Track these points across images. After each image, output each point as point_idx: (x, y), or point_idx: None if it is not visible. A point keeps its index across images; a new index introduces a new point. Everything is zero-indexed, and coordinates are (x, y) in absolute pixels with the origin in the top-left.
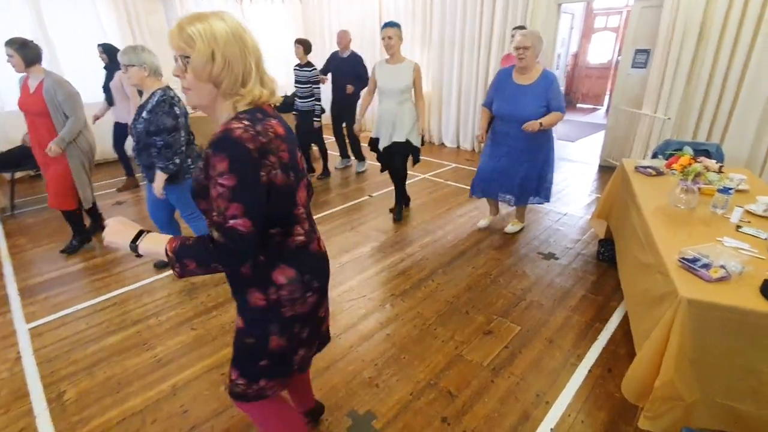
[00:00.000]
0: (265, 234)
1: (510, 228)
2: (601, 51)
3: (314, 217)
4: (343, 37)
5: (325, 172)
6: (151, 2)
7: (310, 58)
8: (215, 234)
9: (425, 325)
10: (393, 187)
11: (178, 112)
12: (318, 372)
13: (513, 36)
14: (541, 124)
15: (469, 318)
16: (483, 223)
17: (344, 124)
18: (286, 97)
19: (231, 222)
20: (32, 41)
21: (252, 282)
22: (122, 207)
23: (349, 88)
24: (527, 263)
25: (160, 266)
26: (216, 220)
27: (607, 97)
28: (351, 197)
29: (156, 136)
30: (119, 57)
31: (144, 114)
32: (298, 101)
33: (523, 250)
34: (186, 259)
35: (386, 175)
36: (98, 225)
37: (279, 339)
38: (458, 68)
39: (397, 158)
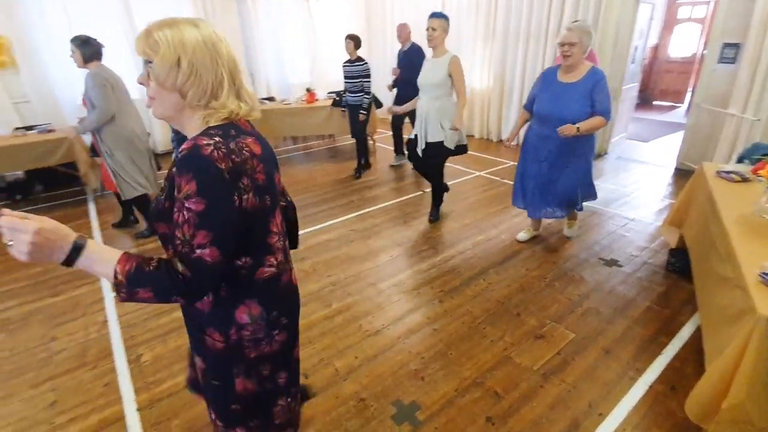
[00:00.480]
0: (231, 265)
1: (568, 231)
2: (684, 44)
3: (366, 210)
4: (402, 30)
5: (361, 169)
6: (227, 0)
7: (361, 53)
8: (180, 266)
9: (474, 323)
10: (448, 183)
11: None
12: (366, 359)
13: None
14: (578, 129)
15: (520, 320)
16: (523, 236)
17: (406, 120)
18: (338, 93)
19: (198, 252)
20: (95, 39)
21: (210, 320)
22: None
23: (395, 71)
24: (586, 268)
25: None
26: (181, 251)
27: (688, 95)
28: (405, 191)
29: None
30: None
31: None
32: (348, 96)
33: (583, 255)
34: (141, 287)
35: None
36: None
37: (245, 381)
38: (522, 62)
39: (431, 160)
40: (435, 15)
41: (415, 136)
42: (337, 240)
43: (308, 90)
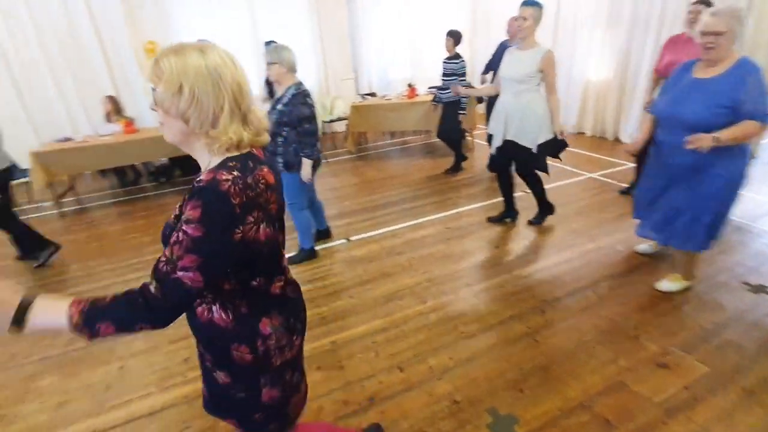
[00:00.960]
0: (247, 286)
1: (664, 285)
2: None
3: (463, 208)
4: (512, 25)
5: (455, 168)
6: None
7: (463, 49)
8: (153, 286)
9: (581, 340)
10: (555, 184)
11: (310, 102)
12: (460, 361)
13: (691, 13)
14: (716, 139)
15: (638, 344)
16: (644, 248)
17: None
18: (439, 88)
19: (179, 273)
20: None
21: (235, 336)
22: None
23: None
24: (725, 293)
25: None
26: (161, 268)
27: None
28: None
29: (286, 126)
30: (264, 54)
31: (279, 106)
32: (441, 93)
33: (722, 277)
34: (100, 323)
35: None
36: None
37: (271, 390)
38: (651, 53)
39: (517, 161)
40: (528, 3)
41: (490, 135)
42: (433, 237)
43: (409, 85)
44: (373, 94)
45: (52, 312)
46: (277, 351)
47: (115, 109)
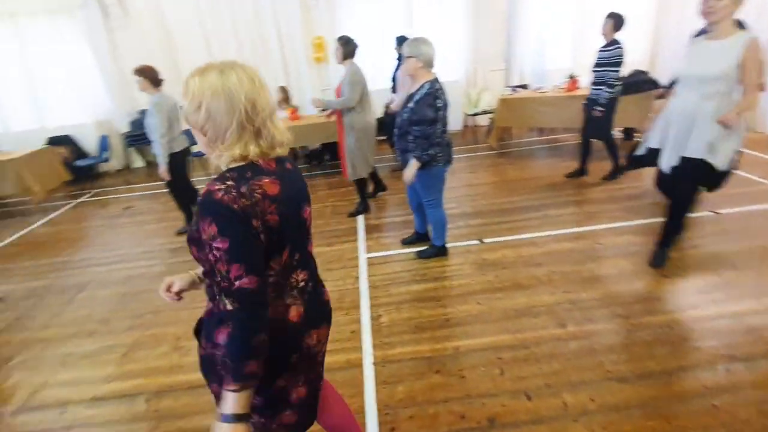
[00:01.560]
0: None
1: None
2: None
3: (623, 223)
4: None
5: (613, 174)
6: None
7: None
8: (228, 303)
9: None
10: (737, 209)
11: (439, 104)
12: (606, 407)
13: None
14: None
15: None
16: None
17: None
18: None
19: (237, 283)
20: (353, 39)
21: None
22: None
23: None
24: None
25: (417, 250)
26: (223, 287)
27: None
28: None
29: (416, 125)
30: (403, 48)
31: (410, 103)
32: (592, 88)
33: None
34: (244, 370)
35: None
36: (380, 189)
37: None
38: None
39: (684, 182)
40: None
41: (651, 149)
42: (581, 252)
43: (571, 77)
44: (524, 86)
45: (231, 405)
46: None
47: (285, 98)
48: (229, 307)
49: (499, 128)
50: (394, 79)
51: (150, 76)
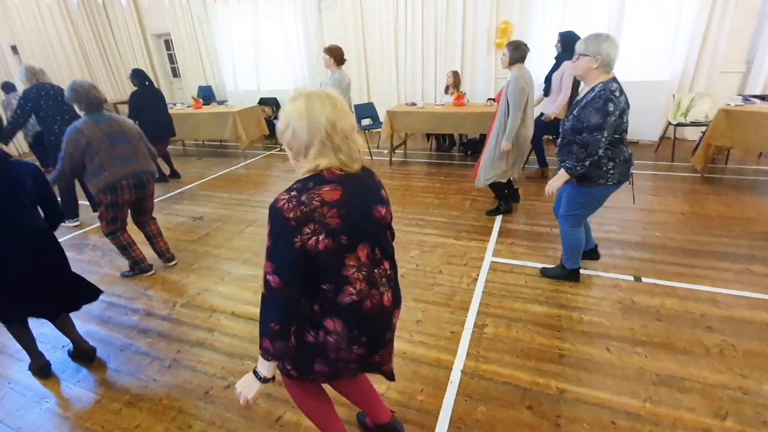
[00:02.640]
0: (318, 288)
1: None
2: None
3: None
4: None
5: None
6: None
7: None
8: (263, 288)
9: None
10: None
11: (611, 109)
12: None
13: None
14: None
15: None
16: None
17: None
18: None
19: (268, 276)
20: (525, 44)
21: (308, 321)
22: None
23: None
24: None
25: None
26: (264, 271)
27: None
28: None
29: (579, 134)
30: (577, 45)
31: (576, 110)
32: None
33: None
34: (262, 344)
35: None
36: (514, 197)
37: (323, 366)
38: None
39: None
40: None
41: None
42: None
43: None
44: (765, 97)
45: (264, 369)
46: (334, 349)
47: (454, 82)
48: (263, 291)
49: (710, 146)
50: (547, 81)
51: (336, 55)
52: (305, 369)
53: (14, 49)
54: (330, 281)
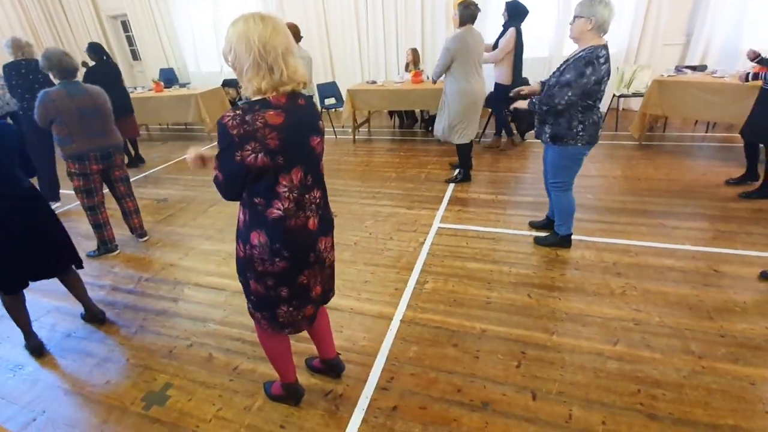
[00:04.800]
0: (251, 200)
1: None
2: None
3: (746, 252)
4: None
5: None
6: None
7: None
8: (215, 181)
9: None
10: None
11: (587, 71)
12: None
13: None
14: None
15: None
16: None
17: None
18: None
19: (215, 171)
20: (475, 4)
21: (239, 235)
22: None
23: None
24: None
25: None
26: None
27: None
28: None
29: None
30: (575, 7)
31: (560, 68)
32: None
33: None
34: (216, 178)
35: None
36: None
37: (256, 284)
38: None
39: None
40: None
41: None
42: (682, 273)
43: (760, 61)
44: (701, 68)
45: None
46: (259, 260)
47: (414, 59)
48: (214, 182)
49: (646, 115)
50: (495, 47)
51: (292, 32)
52: (250, 302)
53: None
54: (262, 195)
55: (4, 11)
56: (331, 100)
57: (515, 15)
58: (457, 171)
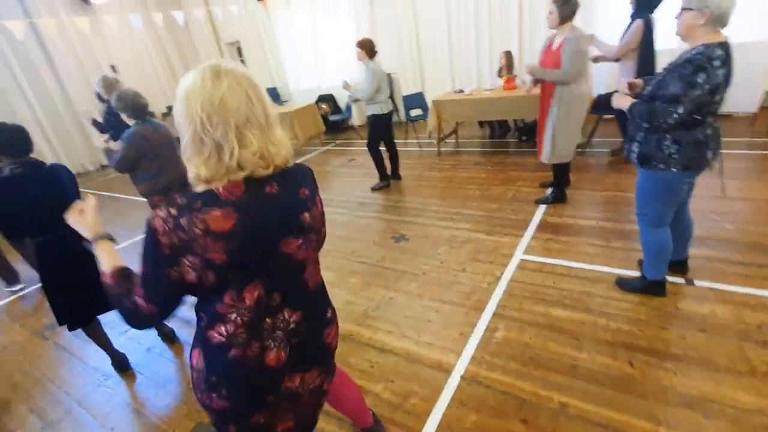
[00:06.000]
0: (197, 309)
1: None
2: None
3: None
4: None
5: None
6: None
7: None
8: (128, 302)
9: None
10: None
11: (699, 80)
12: None
13: None
14: None
15: None
16: None
17: None
18: None
19: (137, 299)
20: None
21: (194, 339)
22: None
23: None
24: None
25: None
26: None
27: None
28: None
29: (658, 100)
30: None
31: (663, 73)
32: None
33: None
34: (110, 291)
35: None
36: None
37: (204, 407)
38: None
39: None
40: None
41: None
42: None
43: None
44: None
45: (104, 260)
46: (197, 387)
47: (507, 64)
48: (125, 304)
49: None
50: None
51: (366, 48)
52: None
53: (113, 68)
54: (202, 311)
55: (145, 46)
56: (417, 111)
57: (645, 3)
58: (550, 190)
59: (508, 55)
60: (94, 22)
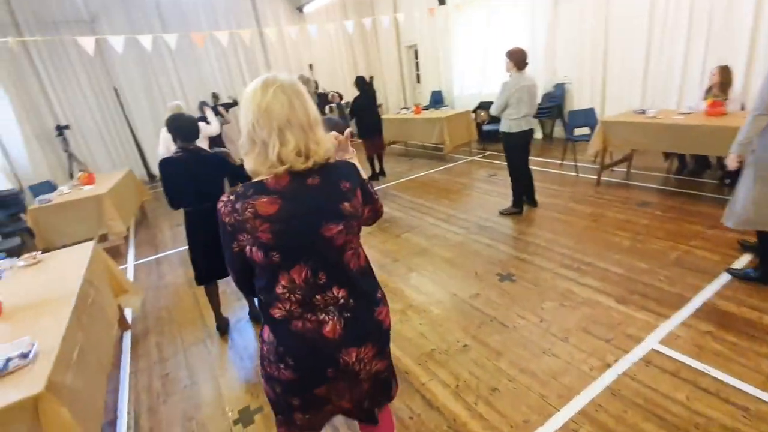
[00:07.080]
0: (261, 297)
1: None
2: None
3: None
4: None
5: None
6: None
7: None
8: None
9: None
10: None
11: None
12: None
13: None
14: None
15: None
16: None
17: None
18: None
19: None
20: None
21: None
22: None
23: None
24: None
25: None
26: None
27: None
28: None
29: None
30: None
31: None
32: None
33: None
34: None
35: None
36: None
37: (266, 386)
38: None
39: None
40: None
41: None
42: None
43: None
44: None
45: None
46: (266, 360)
47: (721, 82)
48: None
49: None
50: None
51: (516, 59)
52: (287, 422)
53: (310, 67)
54: (263, 293)
55: (339, 47)
56: (584, 130)
57: None
58: (749, 259)
59: (724, 71)
60: (302, 29)
